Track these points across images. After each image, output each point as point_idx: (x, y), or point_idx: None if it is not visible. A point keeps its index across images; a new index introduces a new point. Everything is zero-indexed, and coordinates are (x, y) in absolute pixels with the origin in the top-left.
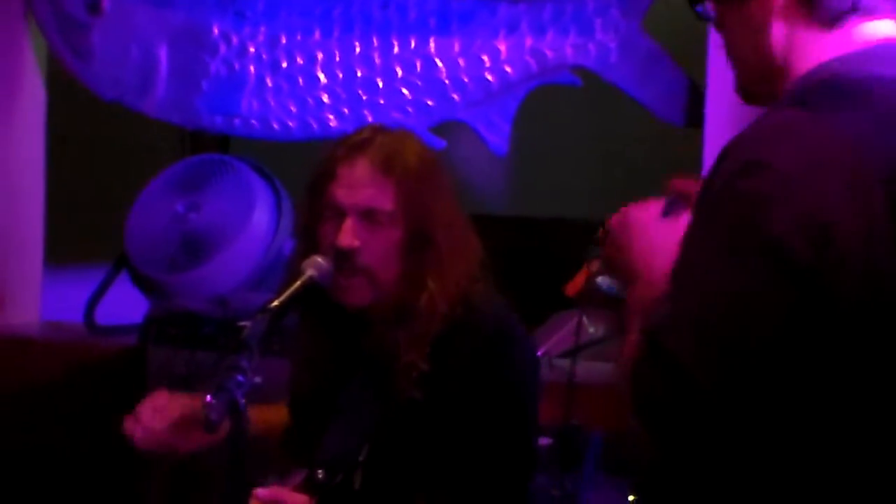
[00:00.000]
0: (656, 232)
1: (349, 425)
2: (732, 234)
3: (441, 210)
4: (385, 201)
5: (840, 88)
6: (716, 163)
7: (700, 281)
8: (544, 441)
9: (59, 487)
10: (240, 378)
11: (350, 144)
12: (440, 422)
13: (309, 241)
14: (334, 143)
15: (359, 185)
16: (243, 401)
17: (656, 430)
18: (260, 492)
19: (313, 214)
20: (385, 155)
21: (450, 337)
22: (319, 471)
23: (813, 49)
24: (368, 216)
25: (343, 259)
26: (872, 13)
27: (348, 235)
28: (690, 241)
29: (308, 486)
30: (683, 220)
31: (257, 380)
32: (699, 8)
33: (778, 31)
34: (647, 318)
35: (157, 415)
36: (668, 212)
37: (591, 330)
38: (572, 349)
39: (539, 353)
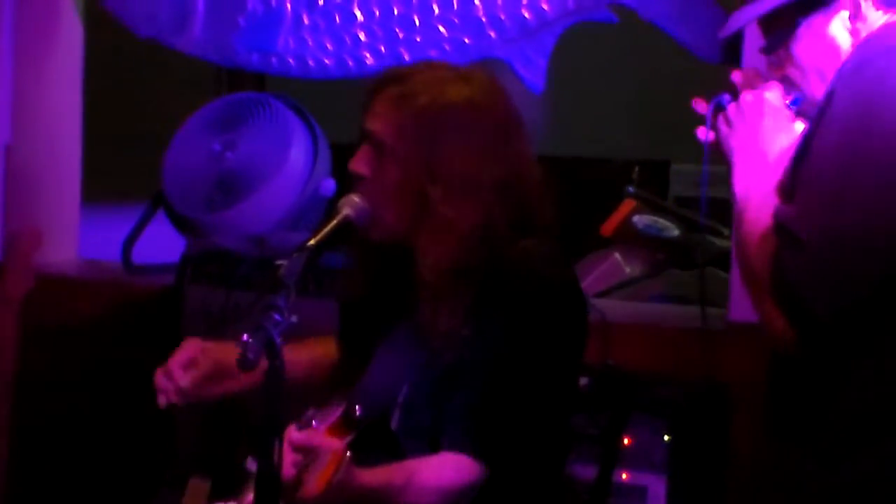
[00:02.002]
0: (783, 117)
1: (391, 365)
2: (860, 122)
3: (448, 160)
4: (388, 135)
5: None
6: (848, 59)
7: (830, 170)
8: (582, 381)
9: (95, 425)
10: (276, 317)
11: (392, 74)
12: (481, 368)
13: None
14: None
15: (374, 113)
16: (279, 340)
17: (798, 320)
18: (294, 436)
19: (359, 141)
20: (404, 91)
21: (488, 288)
22: (357, 406)
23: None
24: (378, 147)
25: (355, 183)
26: None
27: (357, 160)
28: (815, 134)
29: (345, 422)
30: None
31: (294, 319)
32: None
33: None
34: (777, 210)
35: (187, 372)
36: (716, 110)
37: (628, 269)
38: (608, 289)
39: None
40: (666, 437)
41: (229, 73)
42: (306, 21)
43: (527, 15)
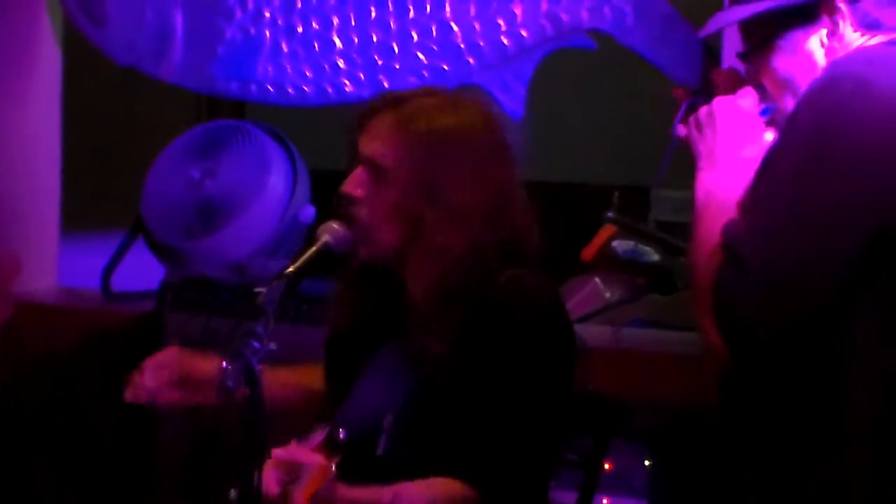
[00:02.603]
0: (754, 127)
1: (377, 390)
2: (819, 145)
3: (445, 185)
4: (386, 158)
5: None
6: (816, 79)
7: (780, 189)
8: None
9: (76, 454)
10: (255, 344)
11: (389, 97)
12: (468, 393)
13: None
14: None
15: (371, 136)
16: (259, 367)
17: (728, 335)
18: (277, 452)
19: (350, 168)
20: (403, 115)
21: (478, 316)
22: (341, 430)
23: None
24: (374, 170)
25: (346, 207)
26: None
27: (350, 182)
28: (777, 150)
29: (328, 445)
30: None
31: (273, 346)
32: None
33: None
34: (728, 225)
35: (159, 371)
36: (692, 106)
37: (608, 294)
38: (588, 314)
39: None
40: (647, 463)
41: (208, 100)
42: (285, 48)
43: (505, 41)
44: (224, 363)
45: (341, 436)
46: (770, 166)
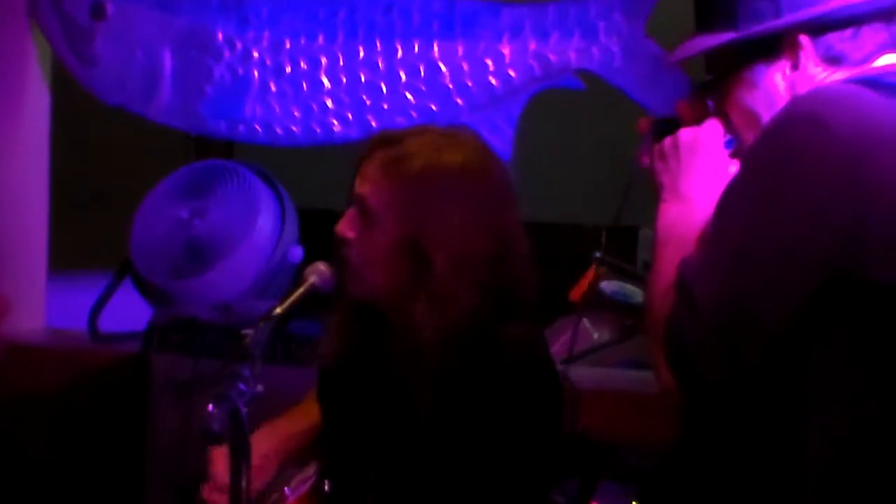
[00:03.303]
0: (718, 159)
1: (365, 441)
2: (773, 186)
3: (444, 229)
4: (378, 201)
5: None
6: (774, 116)
7: (732, 228)
8: None
9: (63, 494)
10: (241, 387)
11: (385, 136)
12: (455, 449)
13: None
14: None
15: (365, 178)
16: (245, 410)
17: (681, 375)
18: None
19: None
20: (395, 156)
21: (470, 367)
22: (327, 482)
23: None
24: (365, 212)
25: (338, 246)
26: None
27: (343, 223)
28: (733, 189)
29: (314, 495)
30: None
31: (259, 388)
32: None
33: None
34: (683, 263)
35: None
36: (658, 133)
37: (595, 335)
38: (577, 355)
39: None
40: None
41: (197, 139)
42: (273, 88)
43: (494, 82)
44: (210, 406)
45: (327, 488)
46: (725, 204)
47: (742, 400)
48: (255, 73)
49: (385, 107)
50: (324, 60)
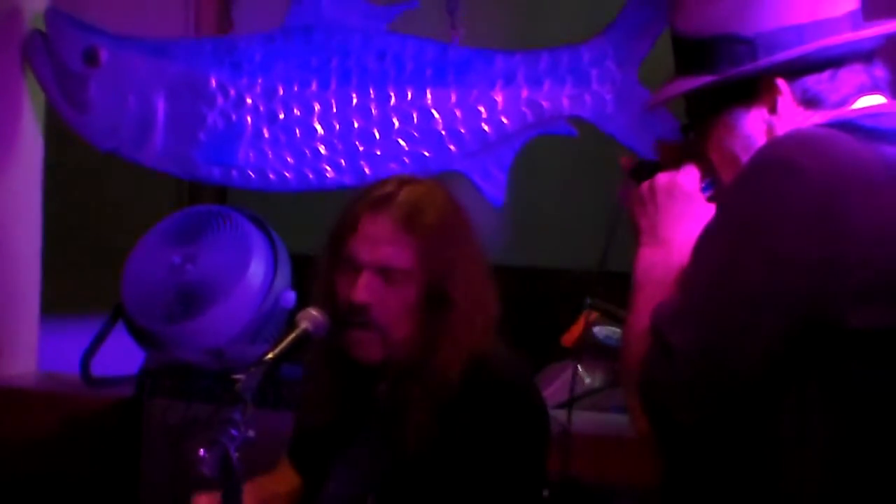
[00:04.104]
0: (696, 204)
1: (355, 475)
2: (746, 231)
3: (461, 268)
4: (403, 260)
5: (877, 130)
6: (748, 161)
7: (707, 275)
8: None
9: None
10: (233, 432)
11: (374, 198)
12: (448, 480)
13: (325, 288)
14: (359, 194)
15: (378, 241)
16: (236, 454)
17: (657, 424)
18: None
19: (332, 264)
20: (407, 212)
21: (461, 396)
22: None
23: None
24: (385, 273)
25: (356, 314)
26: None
27: (363, 291)
28: (707, 234)
29: None
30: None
31: (251, 433)
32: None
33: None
34: (658, 308)
35: None
36: (638, 174)
37: (588, 380)
38: (568, 400)
39: None
40: None
41: (191, 185)
42: (266, 134)
43: (486, 128)
44: (201, 451)
45: None
46: (699, 249)
47: (716, 445)
48: (249, 119)
49: (378, 153)
50: (317, 107)
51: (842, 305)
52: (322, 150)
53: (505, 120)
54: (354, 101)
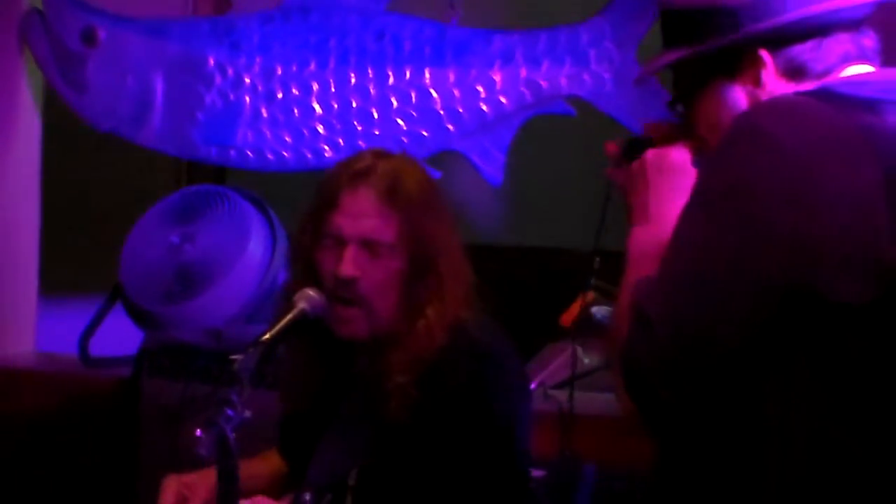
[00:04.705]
0: (687, 180)
1: (339, 447)
2: (722, 203)
3: (441, 237)
4: (387, 232)
5: (857, 98)
6: (725, 132)
7: (685, 247)
8: (538, 473)
9: None
10: (229, 412)
11: (352, 172)
12: (429, 447)
13: (306, 267)
14: (335, 169)
15: (361, 215)
16: (233, 435)
17: (639, 400)
18: None
19: (313, 241)
20: (388, 184)
21: (440, 363)
22: (307, 493)
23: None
24: (370, 246)
25: (343, 288)
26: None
27: (349, 265)
28: (686, 207)
29: None
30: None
31: (247, 414)
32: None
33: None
34: (639, 283)
35: None
36: (628, 153)
37: (586, 360)
38: (567, 380)
39: (534, 384)
40: None
41: (189, 165)
42: (265, 114)
43: (485, 108)
44: (198, 431)
45: (307, 499)
46: (679, 223)
47: (701, 427)
48: (247, 98)
49: (376, 133)
50: (315, 86)
51: (823, 278)
52: (320, 129)
53: (503, 100)
54: (353, 80)
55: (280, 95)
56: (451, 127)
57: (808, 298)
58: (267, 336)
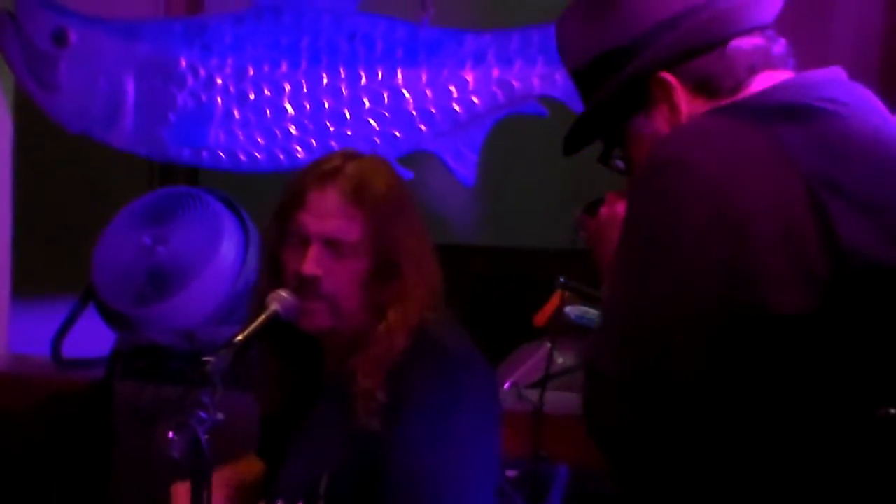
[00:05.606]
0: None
1: (309, 455)
2: (649, 238)
3: (407, 239)
4: (352, 232)
5: (767, 109)
6: (642, 166)
7: (619, 291)
8: (511, 473)
9: None
10: (202, 414)
11: (320, 172)
12: (395, 453)
13: (273, 265)
14: (305, 169)
15: (326, 214)
16: (206, 437)
17: (607, 453)
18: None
19: (279, 239)
20: (355, 185)
21: (404, 366)
22: (279, 500)
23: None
24: (334, 246)
25: (306, 286)
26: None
27: (312, 264)
28: (617, 250)
29: None
30: None
31: (220, 416)
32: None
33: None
34: (588, 340)
35: None
36: (589, 213)
37: (560, 360)
38: (540, 380)
39: (508, 385)
40: None
41: (162, 166)
42: (237, 115)
43: (457, 108)
44: (170, 433)
45: None
46: (611, 267)
47: (665, 463)
48: (219, 99)
49: (349, 133)
50: (287, 87)
51: (760, 294)
52: (292, 130)
53: (476, 100)
54: (325, 81)
55: (252, 96)
56: (423, 127)
57: (753, 316)
58: (240, 337)
